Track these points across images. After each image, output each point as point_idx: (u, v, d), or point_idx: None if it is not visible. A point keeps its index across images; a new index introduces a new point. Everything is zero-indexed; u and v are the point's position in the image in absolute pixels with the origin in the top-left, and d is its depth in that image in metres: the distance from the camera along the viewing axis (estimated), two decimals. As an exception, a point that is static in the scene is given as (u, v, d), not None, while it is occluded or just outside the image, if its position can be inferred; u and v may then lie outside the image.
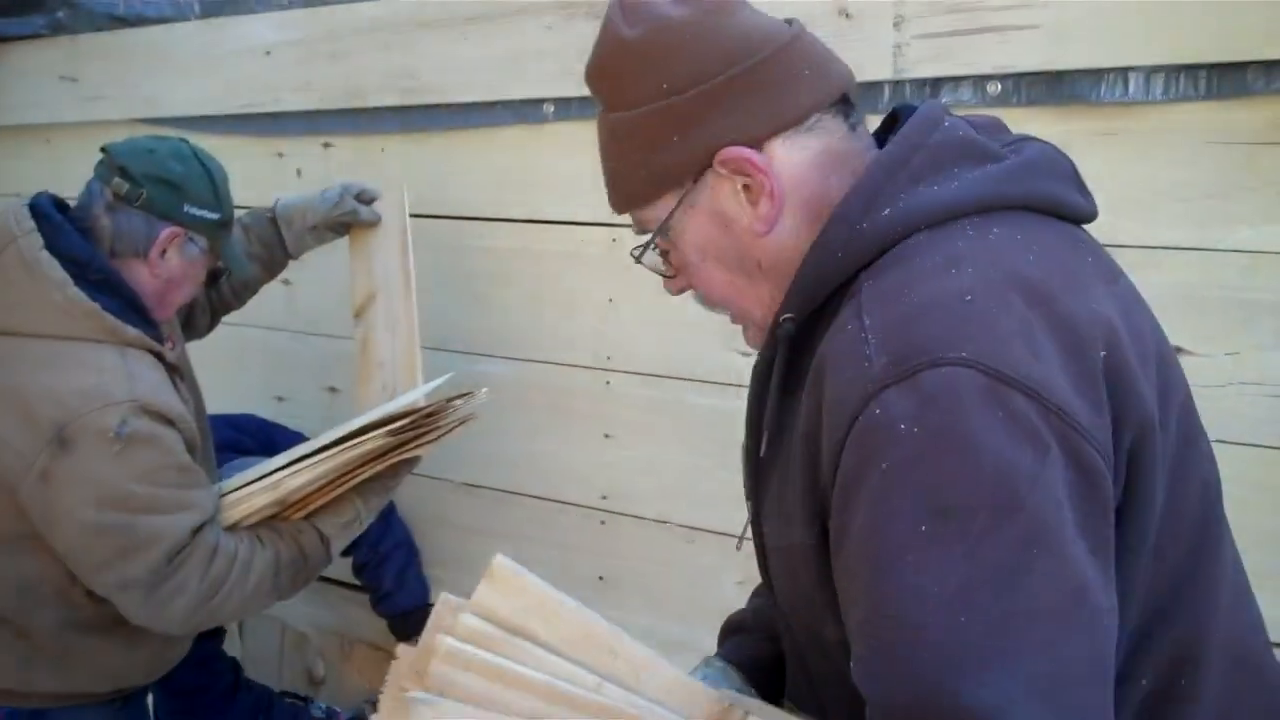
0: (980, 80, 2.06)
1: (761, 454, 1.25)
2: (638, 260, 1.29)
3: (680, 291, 1.32)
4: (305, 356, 3.08)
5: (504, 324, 2.73)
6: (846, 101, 1.23)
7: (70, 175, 3.55)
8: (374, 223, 2.59)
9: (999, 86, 2.05)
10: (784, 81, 1.18)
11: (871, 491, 1.01)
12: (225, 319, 2.70)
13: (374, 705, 2.44)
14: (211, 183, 2.24)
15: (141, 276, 2.21)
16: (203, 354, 2.56)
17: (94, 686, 2.26)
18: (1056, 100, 2.01)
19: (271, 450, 2.71)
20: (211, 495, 2.16)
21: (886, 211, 1.13)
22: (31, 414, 2.01)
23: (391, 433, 2.16)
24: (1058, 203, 1.19)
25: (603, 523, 2.60)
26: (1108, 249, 1.25)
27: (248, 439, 2.80)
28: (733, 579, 2.42)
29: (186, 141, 2.28)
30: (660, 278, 1.32)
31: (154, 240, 2.19)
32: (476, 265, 2.76)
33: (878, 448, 1.00)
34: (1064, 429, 1.00)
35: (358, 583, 2.90)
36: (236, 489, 2.21)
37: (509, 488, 2.75)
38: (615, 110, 1.23)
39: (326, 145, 2.98)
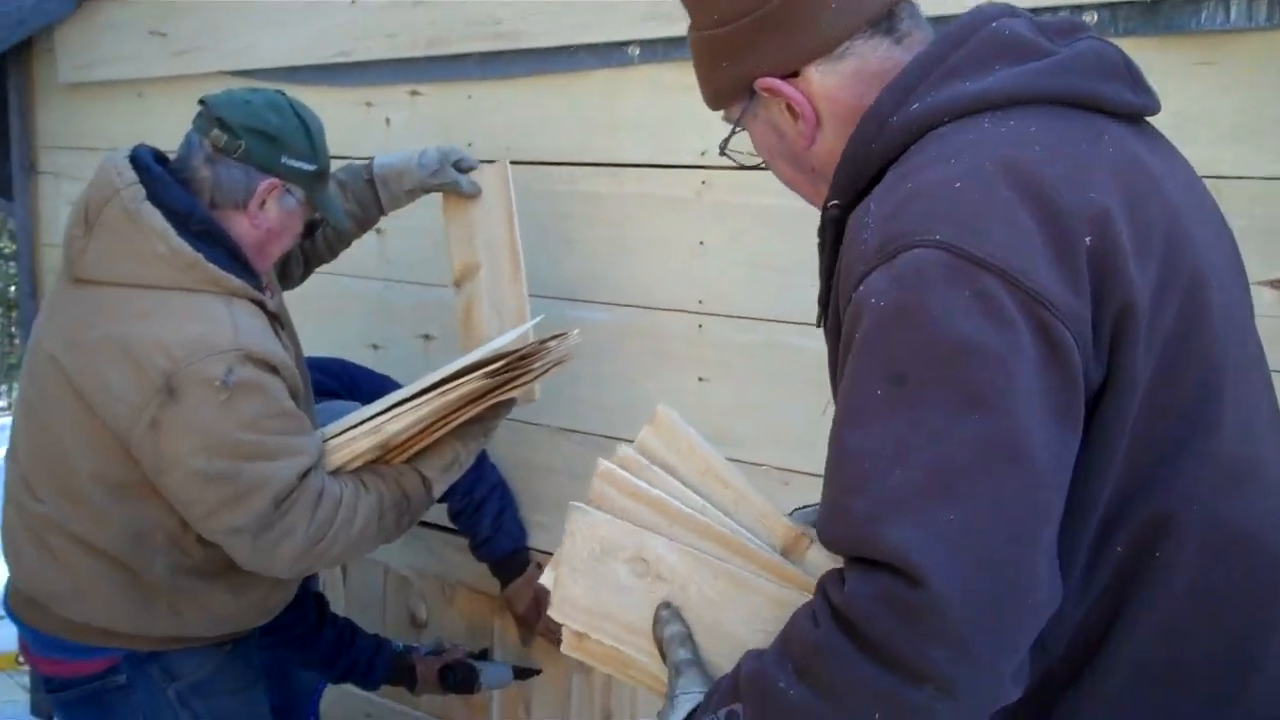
0: (1077, 10, 2.00)
1: (818, 324, 1.42)
2: (722, 152, 1.48)
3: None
4: (400, 305, 3.10)
5: (595, 269, 2.72)
6: (892, 17, 1.33)
7: (161, 129, 3.60)
8: (474, 195, 2.60)
9: (1095, 16, 1.98)
10: (810, 17, 1.30)
11: (851, 361, 1.16)
12: (319, 269, 2.73)
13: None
14: (308, 134, 2.26)
15: (241, 227, 2.23)
16: (298, 303, 2.58)
17: (205, 631, 2.33)
18: (1154, 30, 1.94)
19: (355, 393, 2.76)
20: (315, 441, 2.19)
21: (915, 106, 1.24)
22: (139, 364, 2.05)
23: (488, 374, 2.17)
24: (1097, 97, 1.25)
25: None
26: (1207, 180, 1.29)
27: (332, 381, 2.84)
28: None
29: (283, 93, 2.29)
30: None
31: (253, 192, 2.21)
32: (566, 210, 2.75)
33: (858, 321, 1.15)
34: (1035, 307, 1.09)
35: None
36: (339, 434, 2.24)
37: (607, 432, 2.75)
38: (690, 30, 1.42)
39: (414, 93, 2.98)
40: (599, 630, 1.47)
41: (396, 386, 2.73)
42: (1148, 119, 1.33)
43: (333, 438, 2.24)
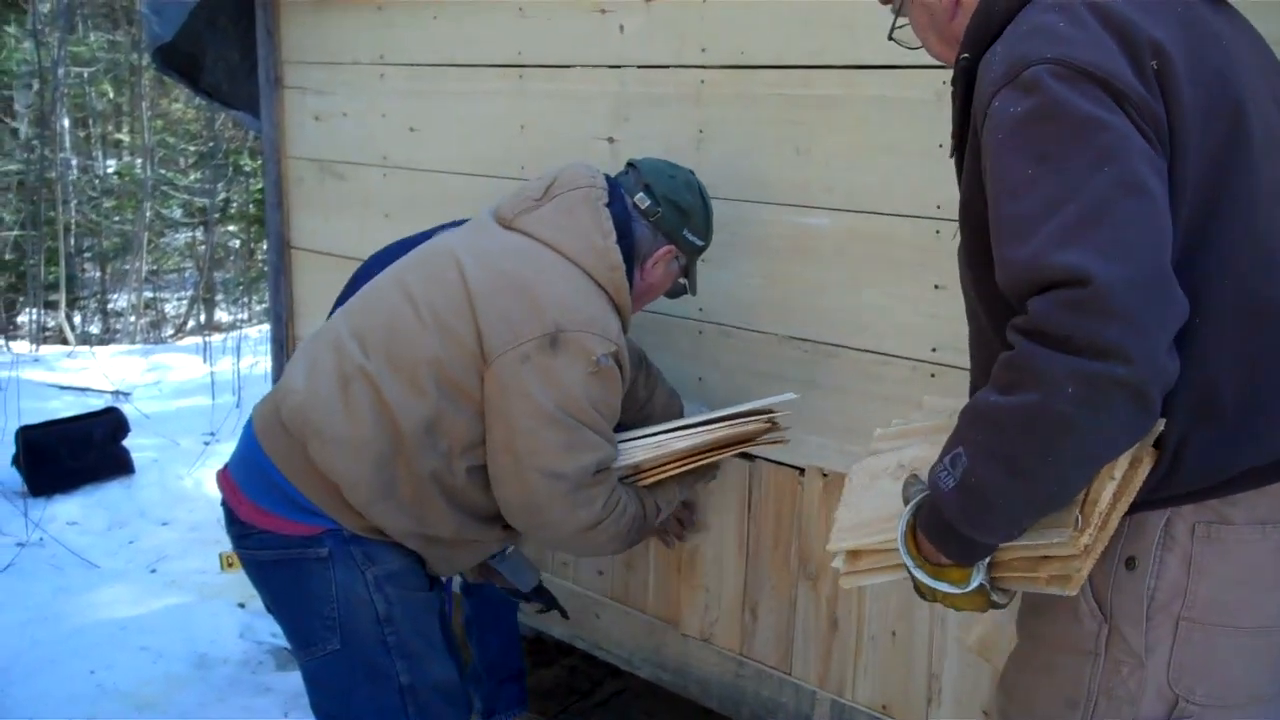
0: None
1: (950, 156, 1.75)
2: (890, 37, 1.86)
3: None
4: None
5: (826, 174, 2.69)
6: None
7: (401, 43, 3.70)
8: None
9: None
10: None
11: (995, 161, 1.49)
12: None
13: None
14: (707, 216, 2.65)
15: (633, 274, 2.57)
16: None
17: (410, 542, 2.46)
18: None
19: None
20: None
21: None
22: (540, 306, 2.35)
23: (746, 424, 2.56)
24: None
25: (933, 375, 2.55)
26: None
27: None
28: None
29: (693, 173, 2.66)
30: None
31: (653, 253, 2.59)
32: (796, 115, 2.72)
33: (997, 127, 1.49)
34: (1127, 101, 1.45)
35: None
36: (625, 440, 2.57)
37: (833, 340, 2.73)
38: None
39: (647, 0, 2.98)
40: (867, 533, 1.75)
41: None
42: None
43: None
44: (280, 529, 2.42)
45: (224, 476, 2.54)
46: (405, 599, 2.46)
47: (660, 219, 2.56)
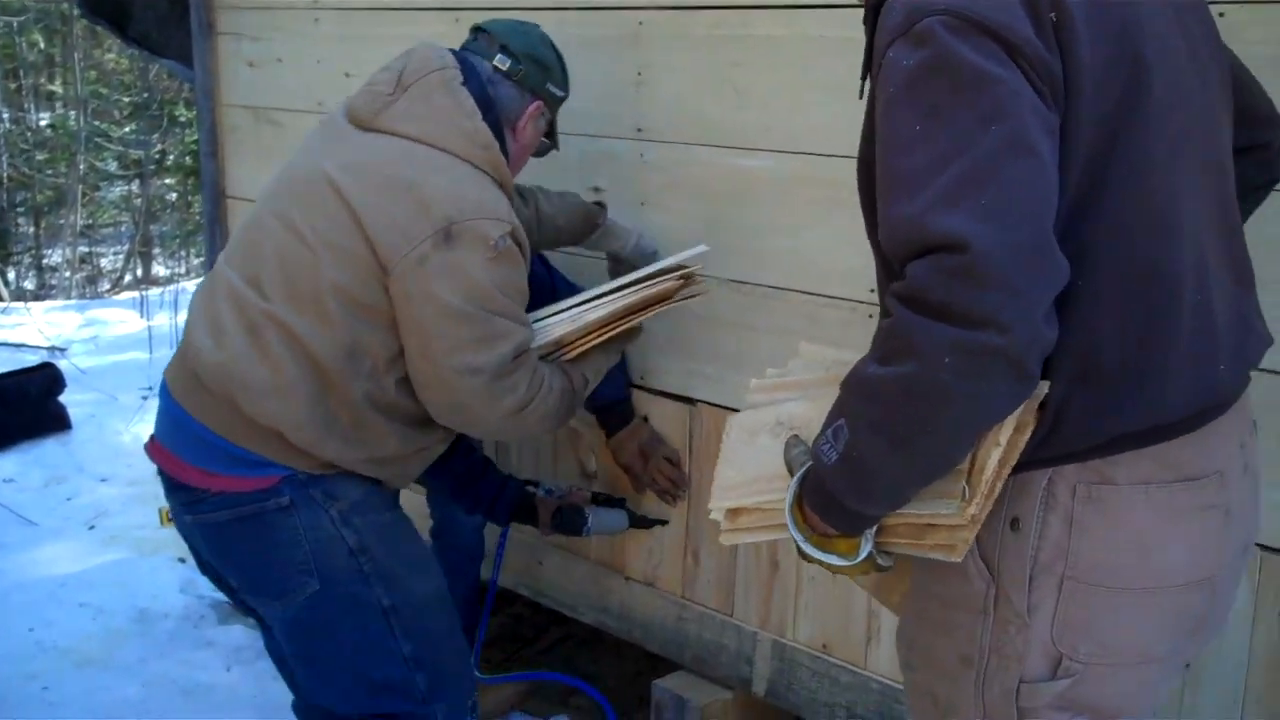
0: None
1: (860, 97, 1.69)
2: None
3: None
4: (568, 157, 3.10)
5: (765, 115, 2.67)
6: None
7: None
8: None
9: None
10: None
11: (886, 111, 1.47)
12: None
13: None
14: (564, 68, 2.64)
15: (505, 142, 2.52)
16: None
17: (363, 468, 2.45)
18: None
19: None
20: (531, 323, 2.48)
21: None
22: (427, 205, 2.30)
23: (660, 284, 2.51)
24: None
25: (870, 316, 2.56)
26: None
27: None
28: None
29: (538, 27, 2.64)
30: None
31: (524, 111, 2.56)
32: (736, 55, 2.70)
33: (889, 80, 1.47)
34: (1021, 55, 1.42)
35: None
36: (540, 319, 2.51)
37: (774, 283, 2.73)
38: None
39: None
40: (749, 493, 1.75)
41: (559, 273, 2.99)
42: None
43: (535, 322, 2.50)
44: (234, 487, 2.38)
45: (155, 447, 2.50)
46: (373, 525, 2.45)
47: (525, 76, 2.54)
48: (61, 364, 6.38)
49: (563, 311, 2.53)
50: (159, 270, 13.44)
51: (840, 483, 1.53)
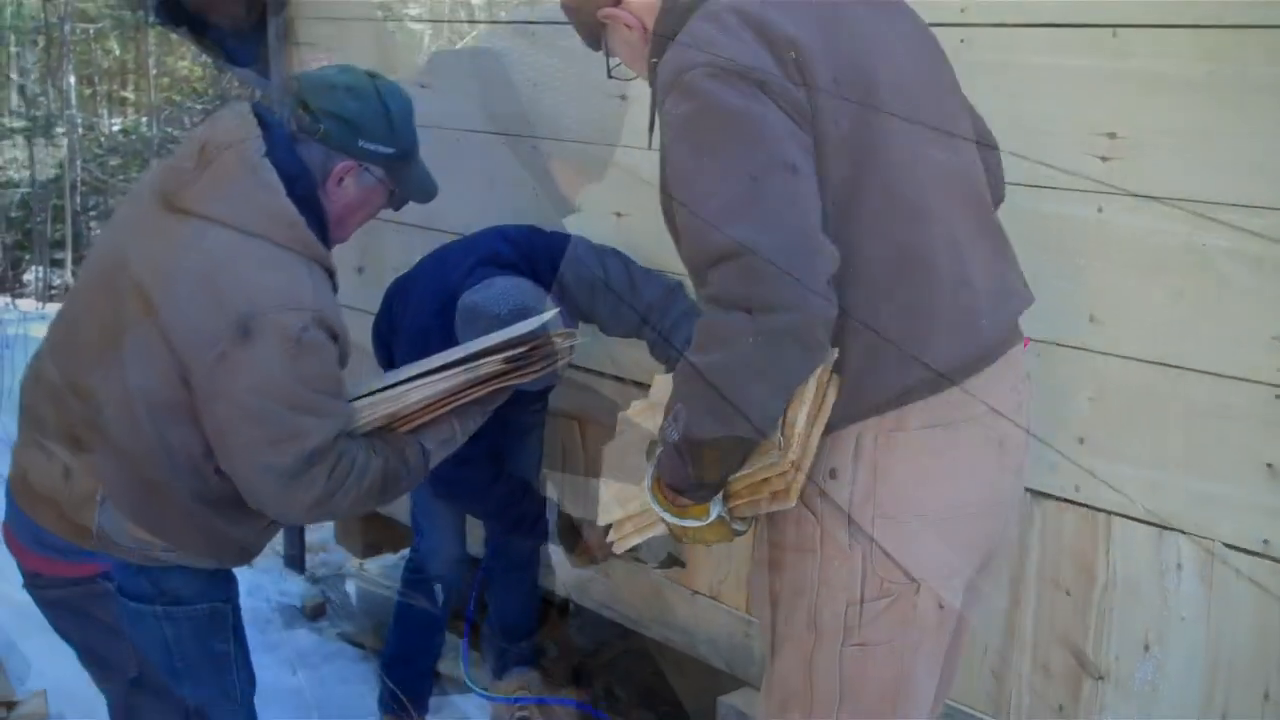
0: None
1: (649, 146, 2.01)
2: (610, 75, 2.19)
3: None
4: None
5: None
6: None
7: None
8: None
9: None
10: None
11: (669, 153, 1.83)
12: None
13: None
14: (388, 118, 2.39)
15: (323, 200, 2.38)
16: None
17: (195, 558, 2.41)
18: None
19: (534, 265, 2.95)
20: (349, 406, 2.33)
21: None
22: (220, 299, 2.17)
23: (506, 360, 2.35)
24: None
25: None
26: None
27: (511, 252, 2.99)
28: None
29: (374, 74, 2.44)
30: None
31: (329, 172, 2.36)
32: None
33: (668, 126, 1.82)
34: (770, 90, 1.75)
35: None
36: (363, 396, 2.37)
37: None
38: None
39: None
40: (631, 501, 2.05)
41: (576, 252, 2.97)
42: None
43: (358, 398, 2.36)
44: (67, 572, 2.43)
45: (5, 527, 2.52)
46: (191, 618, 2.44)
47: (326, 135, 2.34)
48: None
49: (388, 389, 2.38)
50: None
51: (684, 457, 1.83)
